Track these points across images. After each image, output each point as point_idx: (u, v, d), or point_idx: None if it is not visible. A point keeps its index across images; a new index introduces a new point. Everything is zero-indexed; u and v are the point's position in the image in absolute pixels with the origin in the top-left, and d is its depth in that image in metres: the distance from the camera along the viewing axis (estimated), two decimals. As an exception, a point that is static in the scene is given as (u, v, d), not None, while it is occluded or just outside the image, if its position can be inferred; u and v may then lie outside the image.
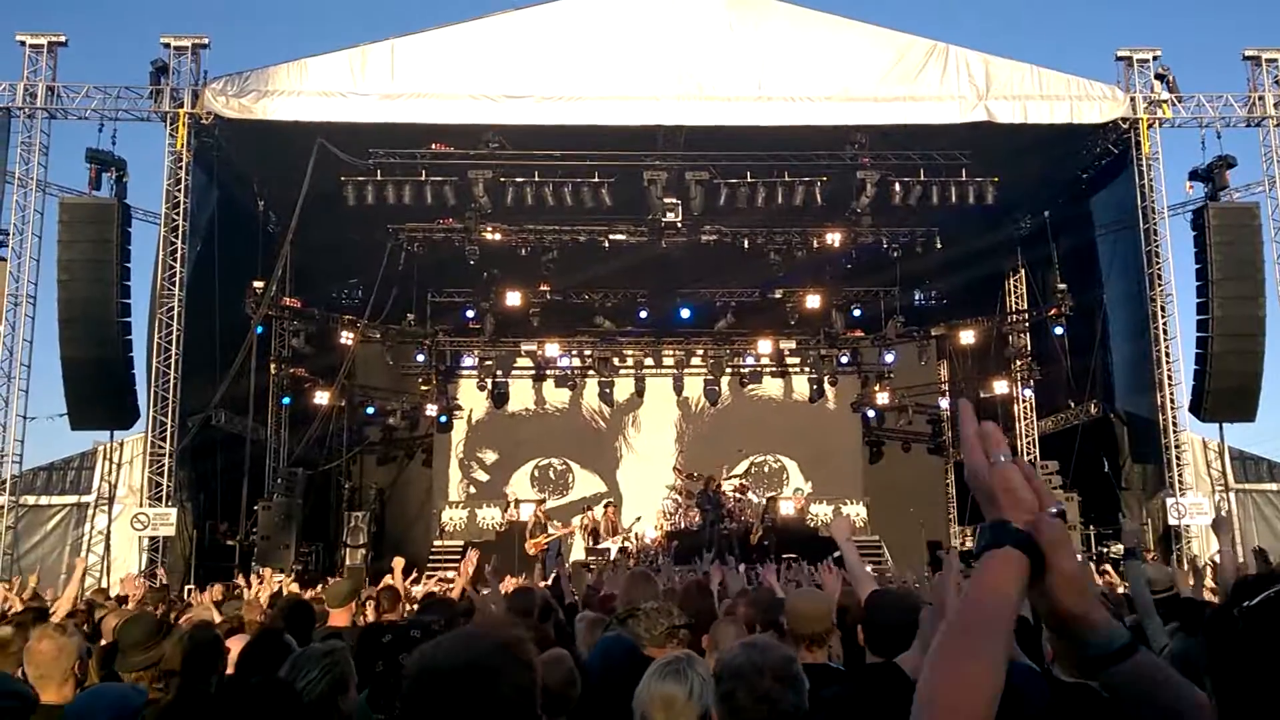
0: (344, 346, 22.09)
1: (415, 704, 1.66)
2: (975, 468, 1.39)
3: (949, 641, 1.28)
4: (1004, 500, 1.36)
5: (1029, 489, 1.37)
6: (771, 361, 24.87)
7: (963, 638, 1.27)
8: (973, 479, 1.40)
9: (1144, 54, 18.43)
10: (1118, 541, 18.39)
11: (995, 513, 1.36)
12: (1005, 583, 1.31)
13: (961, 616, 1.30)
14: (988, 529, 1.35)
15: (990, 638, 1.26)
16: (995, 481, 1.37)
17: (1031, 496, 1.37)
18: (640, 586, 4.45)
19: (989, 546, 1.33)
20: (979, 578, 1.32)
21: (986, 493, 1.37)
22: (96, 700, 3.35)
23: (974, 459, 1.40)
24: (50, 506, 17.79)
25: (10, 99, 17.40)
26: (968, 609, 1.30)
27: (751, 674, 2.39)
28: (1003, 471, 1.38)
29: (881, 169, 18.38)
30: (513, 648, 1.74)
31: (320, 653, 3.08)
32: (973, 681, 1.22)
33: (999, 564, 1.32)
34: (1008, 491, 1.36)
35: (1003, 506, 1.35)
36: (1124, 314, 19.25)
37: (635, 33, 17.63)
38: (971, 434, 1.42)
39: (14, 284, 17.24)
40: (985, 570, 1.32)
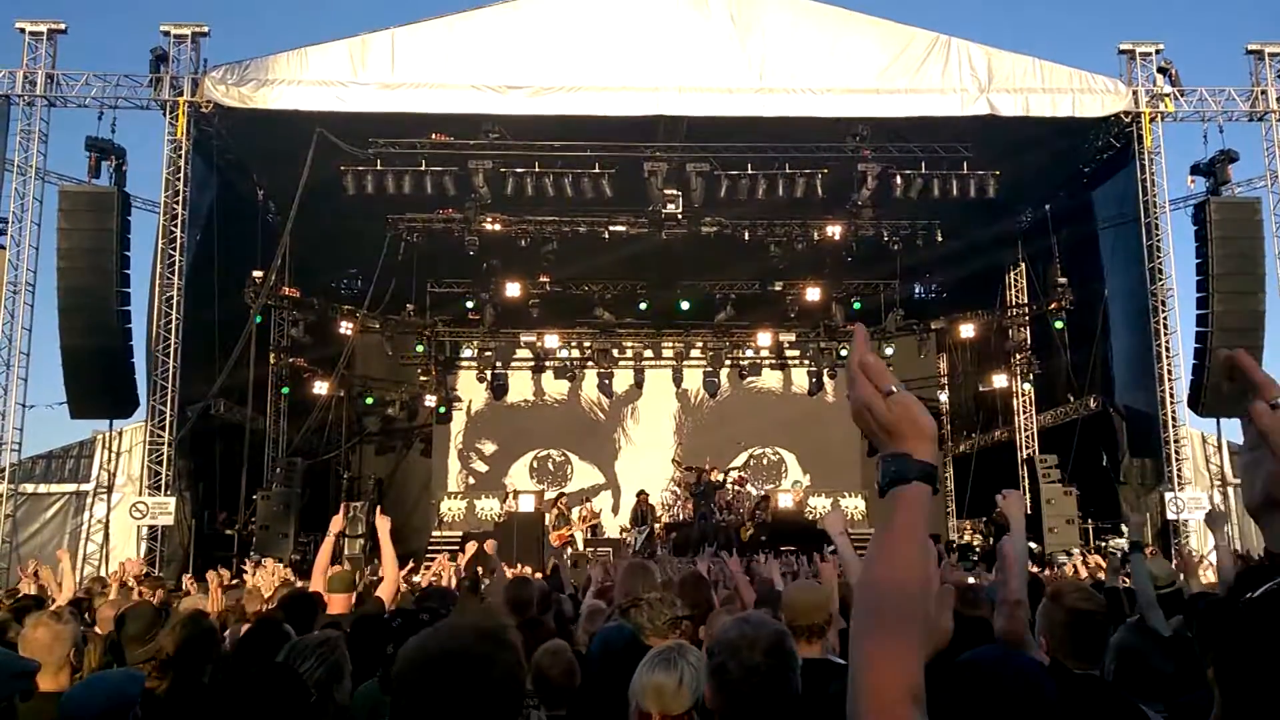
0: (343, 336, 22.08)
1: (405, 692, 1.70)
2: (866, 399, 1.35)
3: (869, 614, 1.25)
4: (905, 431, 1.33)
5: (927, 415, 1.36)
6: (771, 354, 24.87)
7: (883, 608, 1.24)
8: (864, 412, 1.36)
9: (1147, 48, 18.38)
10: (1118, 536, 18.41)
11: (895, 445, 1.33)
12: (915, 529, 1.28)
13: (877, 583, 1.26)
14: (890, 462, 1.33)
15: (910, 602, 1.23)
16: (896, 413, 1.34)
17: (932, 423, 1.35)
18: (638, 577, 4.44)
19: (895, 483, 1.31)
20: (888, 529, 1.29)
21: (884, 425, 1.34)
22: (93, 688, 3.34)
23: (863, 391, 1.36)
24: (49, 495, 17.79)
25: (10, 86, 17.34)
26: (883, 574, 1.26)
27: (743, 647, 2.39)
28: (898, 400, 1.35)
29: (883, 161, 18.36)
30: (498, 635, 1.77)
31: (316, 642, 3.08)
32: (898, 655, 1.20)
33: (906, 503, 1.30)
34: (908, 420, 1.34)
35: (904, 437, 1.33)
36: (1124, 308, 19.23)
37: (636, 23, 17.57)
38: (855, 364, 1.38)
39: (13, 272, 17.21)
40: (893, 517, 1.30)
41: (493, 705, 1.69)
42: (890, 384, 1.35)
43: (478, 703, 1.67)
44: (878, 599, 1.23)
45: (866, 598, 1.26)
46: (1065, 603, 2.95)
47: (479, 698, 1.68)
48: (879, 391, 1.35)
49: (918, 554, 1.26)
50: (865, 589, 1.27)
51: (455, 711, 1.67)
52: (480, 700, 1.68)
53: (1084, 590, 3.22)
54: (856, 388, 1.36)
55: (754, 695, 2.34)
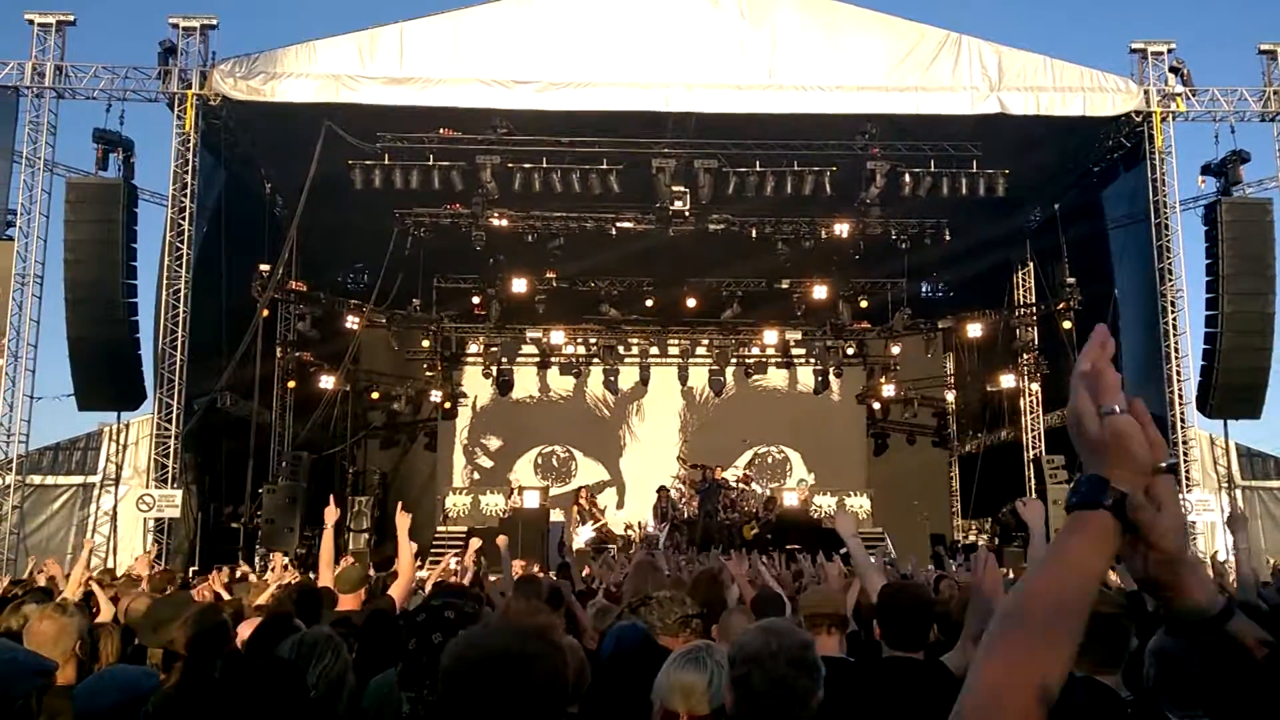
0: (349, 331, 22.07)
1: (453, 690, 1.72)
2: (1082, 413, 1.25)
3: (1017, 625, 1.16)
4: (1112, 454, 1.22)
5: (1145, 446, 1.23)
6: (777, 352, 24.83)
7: (1033, 622, 1.15)
8: (1076, 425, 1.26)
9: (1159, 46, 18.31)
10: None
11: (1097, 467, 1.22)
12: (1088, 555, 1.19)
13: (1034, 595, 1.18)
14: (1084, 482, 1.22)
15: (1064, 622, 1.15)
16: (1106, 434, 1.23)
17: (1146, 454, 1.23)
18: (648, 575, 4.42)
19: (1081, 505, 1.21)
20: (1062, 546, 1.20)
21: (1092, 443, 1.23)
22: (106, 682, 3.32)
23: (1080, 403, 1.25)
24: (56, 486, 17.83)
25: (18, 78, 17.35)
26: (1043, 586, 1.18)
27: (766, 657, 2.34)
28: (1115, 422, 1.23)
29: (891, 159, 18.31)
30: (544, 634, 1.81)
31: (324, 636, 3.06)
32: (1043, 669, 1.13)
33: (1086, 529, 1.20)
34: (1119, 448, 1.22)
35: (1109, 461, 1.22)
36: (1133, 309, 19.16)
37: (645, 19, 17.53)
38: (1081, 374, 1.26)
39: (21, 264, 17.23)
40: (1070, 536, 1.21)
41: (539, 704, 1.72)
42: (1113, 403, 1.24)
43: (525, 701, 1.70)
44: (1046, 602, 1.17)
45: (1032, 600, 1.18)
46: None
47: (526, 696, 1.70)
48: (1097, 407, 1.24)
49: (1092, 574, 1.19)
50: (1032, 590, 1.19)
51: (503, 709, 1.69)
52: (527, 698, 1.70)
53: (1103, 593, 3.17)
54: (1073, 397, 1.27)
55: (778, 707, 2.30)
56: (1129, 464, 1.22)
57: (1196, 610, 1.27)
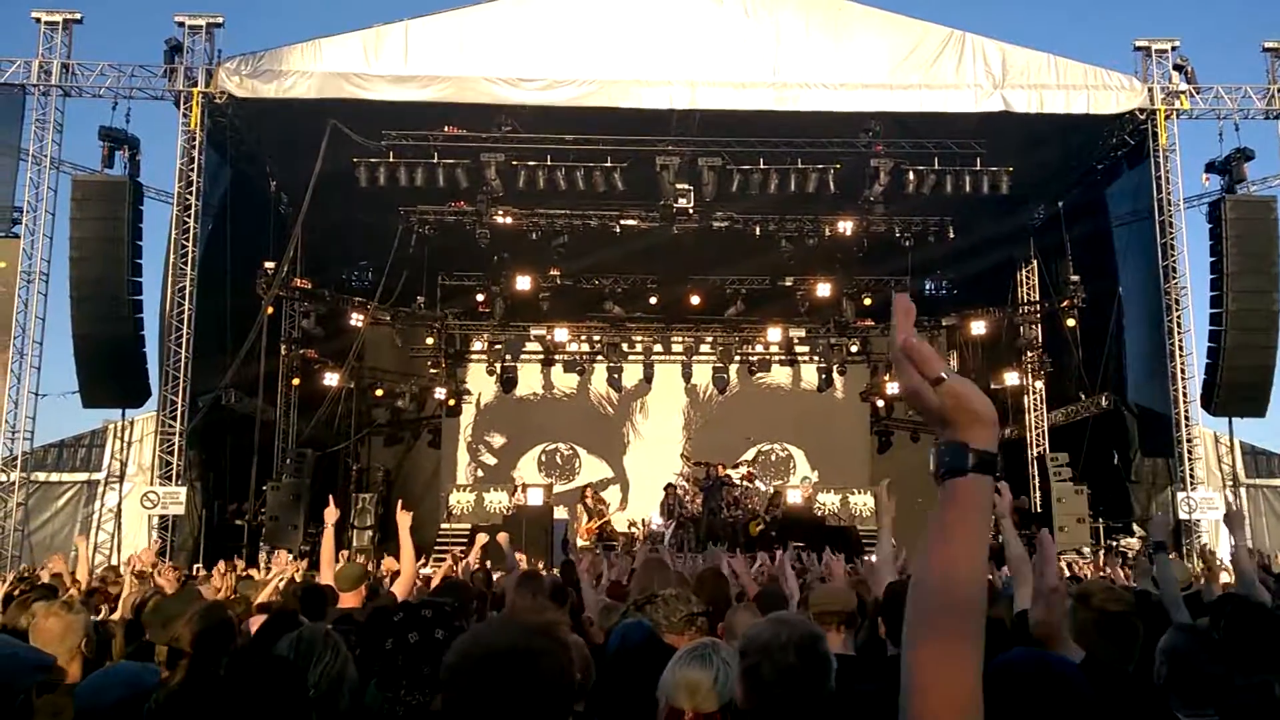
0: (354, 328, 22.07)
1: (457, 688, 1.71)
2: (914, 387, 1.26)
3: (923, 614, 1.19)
4: (958, 417, 1.25)
5: (984, 398, 1.26)
6: (781, 350, 24.81)
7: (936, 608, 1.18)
8: (914, 400, 1.27)
9: (1162, 44, 18.27)
10: (1129, 535, 18.34)
11: (950, 433, 1.25)
12: (971, 520, 1.21)
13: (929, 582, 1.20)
14: (945, 451, 1.24)
15: (965, 603, 1.17)
16: (946, 399, 1.25)
17: (990, 408, 1.26)
18: (655, 573, 4.42)
19: (950, 474, 1.23)
20: (945, 519, 1.22)
21: (936, 415, 1.26)
22: (109, 679, 3.32)
23: (911, 378, 1.27)
24: (61, 483, 17.88)
25: (25, 76, 17.38)
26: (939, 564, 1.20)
27: (776, 648, 2.36)
28: (949, 387, 1.25)
29: (895, 157, 18.29)
30: (549, 631, 1.80)
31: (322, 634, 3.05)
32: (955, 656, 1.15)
33: (961, 494, 1.22)
34: (962, 408, 1.25)
35: (960, 425, 1.24)
36: (1137, 306, 19.14)
37: (649, 17, 17.53)
38: (899, 348, 1.28)
39: (27, 261, 17.27)
40: (948, 509, 1.22)
41: (544, 701, 1.70)
42: (939, 370, 1.26)
43: (530, 699, 1.69)
44: (933, 599, 1.18)
45: (921, 598, 1.19)
46: (1094, 603, 2.91)
47: (531, 694, 1.69)
48: (927, 379, 1.26)
49: (974, 551, 1.20)
50: (920, 588, 1.21)
51: (508, 707, 1.68)
52: (532, 696, 1.69)
53: (1113, 590, 3.18)
54: (903, 375, 1.28)
55: (787, 697, 2.31)
56: (974, 420, 1.24)
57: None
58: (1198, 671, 2.72)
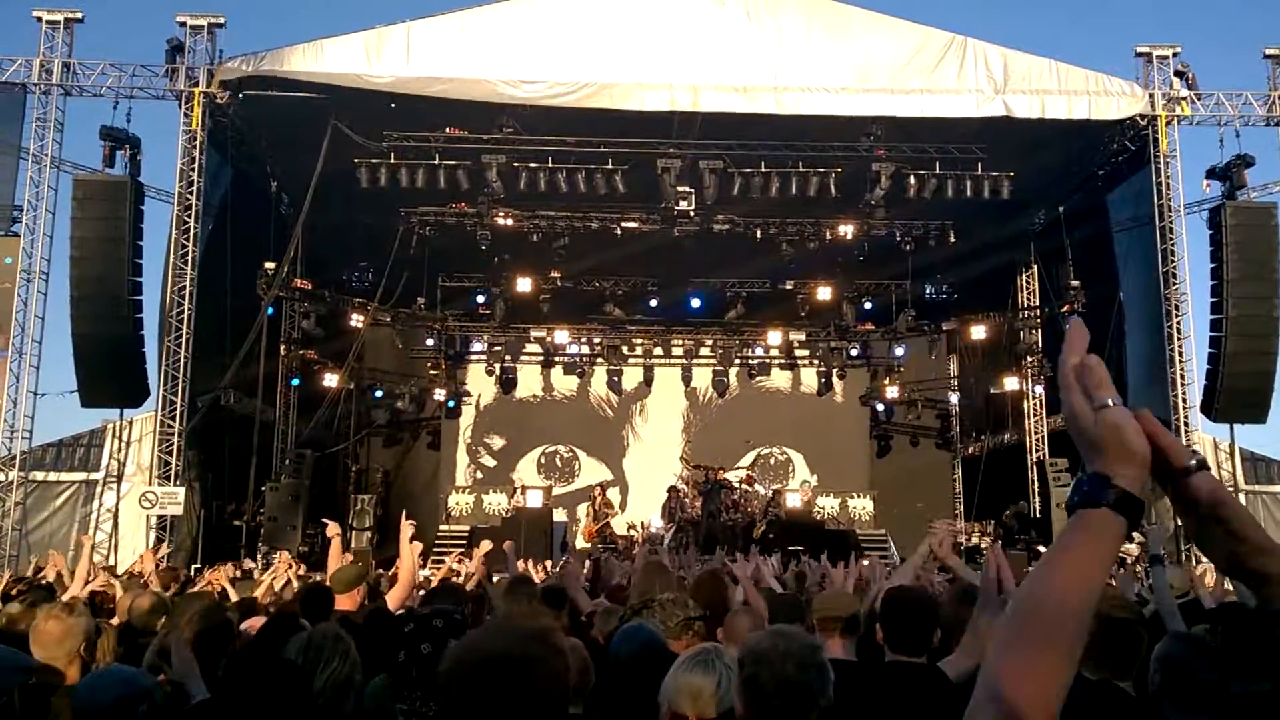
0: (354, 329, 22.08)
1: (453, 694, 1.71)
2: (1076, 410, 1.23)
3: (1023, 626, 1.16)
4: (1109, 449, 1.20)
5: (1142, 438, 1.21)
6: (781, 353, 24.82)
7: (1040, 622, 1.15)
8: (1072, 423, 1.23)
9: (1164, 50, 18.27)
10: (1128, 542, 18.30)
11: (1098, 464, 1.20)
12: (1092, 554, 1.18)
13: (1040, 597, 1.16)
14: (1085, 481, 1.21)
15: (1071, 623, 1.14)
16: (1103, 429, 1.21)
17: (1144, 447, 1.21)
18: (656, 577, 4.41)
19: (1084, 503, 1.19)
20: (1065, 546, 1.19)
21: (1090, 440, 1.22)
22: (106, 679, 3.32)
23: (1074, 401, 1.23)
24: (59, 483, 17.84)
25: (26, 75, 17.38)
26: (1048, 588, 1.17)
27: (775, 658, 2.36)
28: (1109, 415, 1.21)
29: (896, 161, 18.30)
30: (545, 637, 1.79)
31: (333, 637, 3.05)
32: (1047, 674, 1.12)
33: (1090, 528, 1.19)
34: (1116, 441, 1.20)
35: (1107, 456, 1.20)
36: (1138, 312, 19.13)
37: (651, 19, 17.52)
38: (1070, 370, 1.24)
39: (27, 260, 17.26)
40: (1073, 535, 1.19)
41: (539, 707, 1.70)
42: (1106, 396, 1.22)
43: (525, 704, 1.69)
44: (1048, 610, 1.15)
45: (1033, 612, 1.16)
46: (1099, 610, 2.89)
47: (526, 700, 1.69)
48: (1090, 403, 1.22)
49: (1095, 577, 1.17)
50: (1032, 603, 1.17)
51: (503, 713, 1.68)
52: (527, 702, 1.69)
53: (1118, 598, 3.17)
54: (1065, 396, 1.24)
55: (785, 708, 2.31)
56: (1126, 459, 1.20)
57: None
58: (1190, 679, 2.73)
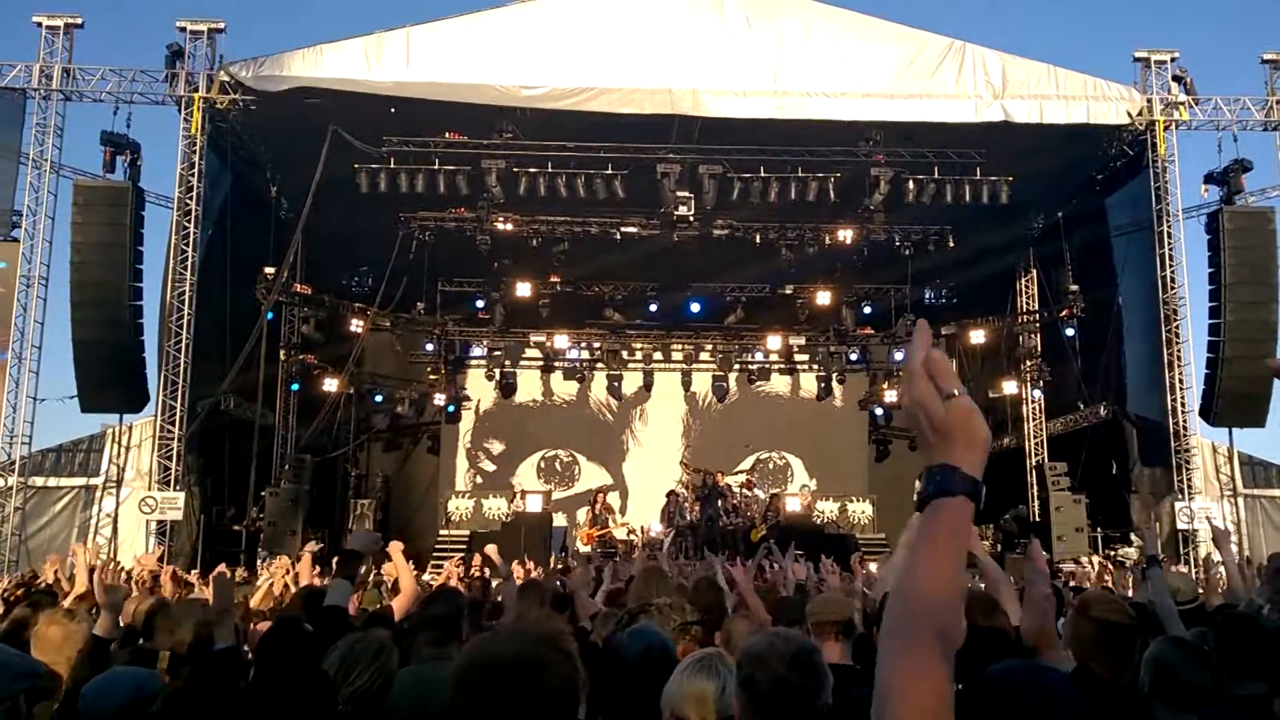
0: (353, 334, 22.08)
1: (463, 698, 1.71)
2: (921, 399, 1.27)
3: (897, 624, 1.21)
4: (957, 439, 1.25)
5: (983, 423, 1.27)
6: (780, 358, 24.82)
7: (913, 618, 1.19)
8: (918, 412, 1.27)
9: (1162, 55, 18.32)
10: (1127, 545, 18.33)
11: (944, 453, 1.25)
12: (951, 543, 1.22)
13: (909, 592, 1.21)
14: (936, 472, 1.25)
15: (942, 613, 1.19)
16: (952, 418, 1.25)
17: (987, 433, 1.27)
18: (654, 582, 4.43)
19: (938, 494, 1.24)
20: (928, 538, 1.23)
21: (938, 430, 1.26)
22: (113, 683, 3.34)
23: (920, 391, 1.27)
24: (59, 488, 17.84)
25: (26, 80, 17.42)
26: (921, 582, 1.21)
27: (772, 660, 2.38)
28: (956, 404, 1.26)
29: (895, 166, 18.33)
30: (555, 640, 1.79)
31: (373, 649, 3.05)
32: (924, 670, 1.16)
33: (945, 517, 1.23)
34: (963, 428, 1.25)
35: (954, 443, 1.25)
36: (1136, 316, 19.16)
37: (651, 25, 17.56)
38: (919, 362, 1.29)
39: (26, 265, 17.29)
40: (932, 528, 1.23)
41: (549, 711, 1.71)
42: (953, 386, 1.27)
43: (535, 707, 1.69)
44: (911, 612, 1.19)
45: (899, 610, 1.21)
46: (1093, 614, 2.92)
47: (536, 704, 1.69)
48: (939, 393, 1.27)
49: (954, 570, 1.21)
50: (899, 600, 1.22)
51: (513, 715, 1.69)
52: (537, 706, 1.70)
53: (1112, 601, 3.19)
54: (914, 386, 1.28)
55: (783, 708, 2.32)
56: (972, 445, 1.25)
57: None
58: (1178, 680, 2.76)
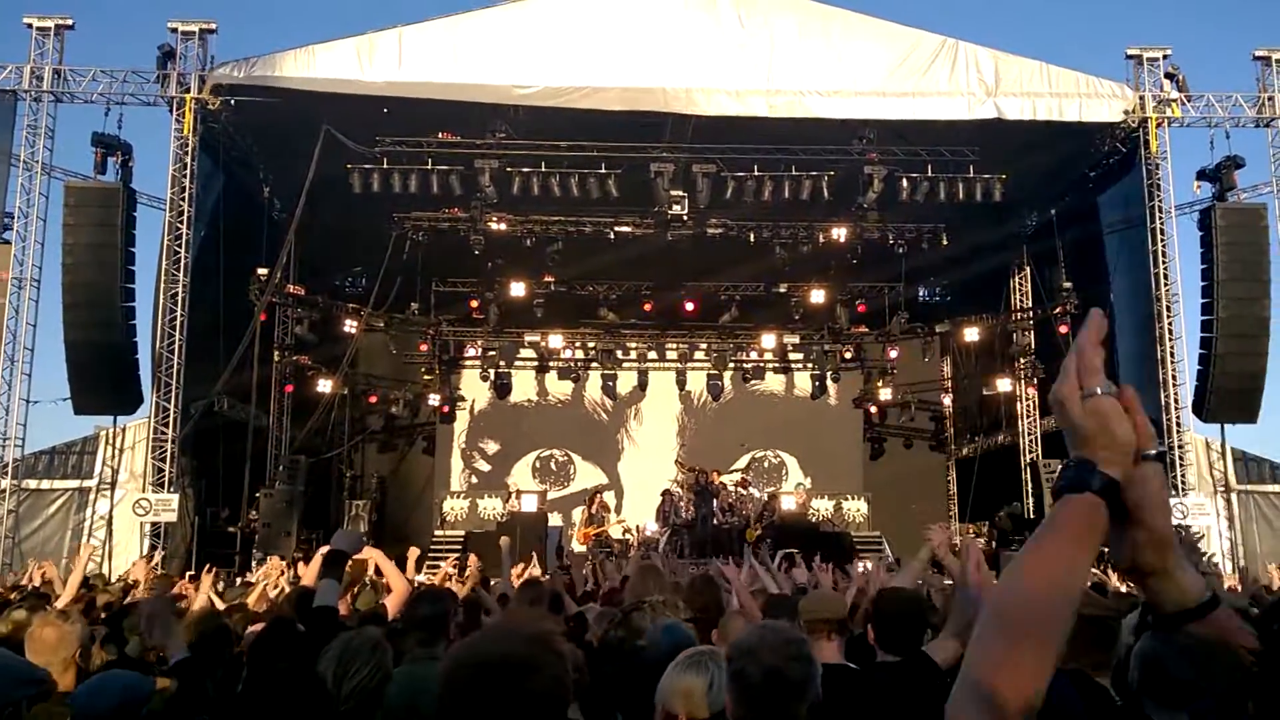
0: (347, 335, 22.06)
1: (451, 697, 1.71)
2: (1064, 396, 1.25)
3: (1010, 619, 1.15)
4: (1095, 438, 1.22)
5: (1127, 426, 1.23)
6: (775, 356, 24.83)
7: (1027, 613, 1.14)
8: (1059, 408, 1.25)
9: (1154, 53, 18.36)
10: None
11: (1081, 450, 1.22)
12: (1077, 540, 1.18)
13: (1024, 587, 1.16)
14: (1070, 468, 1.22)
15: (1058, 610, 1.14)
16: (1087, 415, 1.23)
17: (1130, 435, 1.23)
18: (649, 579, 4.43)
19: (1068, 489, 1.21)
20: (1050, 532, 1.19)
21: (1075, 426, 1.23)
22: (103, 686, 3.33)
23: (1065, 387, 1.25)
24: (52, 491, 17.79)
25: (16, 82, 17.36)
26: (1032, 577, 1.16)
27: (761, 650, 2.39)
28: (1096, 404, 1.23)
29: (889, 164, 18.35)
30: (545, 640, 1.78)
31: (370, 645, 3.05)
32: (1033, 667, 1.12)
33: (1075, 513, 1.19)
34: (1101, 428, 1.22)
35: (1092, 445, 1.22)
36: (1129, 313, 19.19)
37: (643, 24, 17.56)
38: (1074, 359, 1.27)
39: (18, 267, 17.23)
40: (1058, 521, 1.19)
41: (539, 709, 1.70)
42: (1096, 385, 1.24)
43: (524, 707, 1.68)
44: (1027, 602, 1.14)
45: (1014, 599, 1.16)
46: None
47: (525, 704, 1.68)
48: (1080, 389, 1.24)
49: (1069, 567, 1.17)
50: (1014, 589, 1.17)
51: (502, 715, 1.68)
52: (527, 704, 1.69)
53: (1090, 595, 3.19)
54: (1061, 380, 1.26)
55: (773, 699, 2.32)
56: (1111, 446, 1.22)
57: (1183, 598, 1.27)
58: (1166, 675, 2.76)
